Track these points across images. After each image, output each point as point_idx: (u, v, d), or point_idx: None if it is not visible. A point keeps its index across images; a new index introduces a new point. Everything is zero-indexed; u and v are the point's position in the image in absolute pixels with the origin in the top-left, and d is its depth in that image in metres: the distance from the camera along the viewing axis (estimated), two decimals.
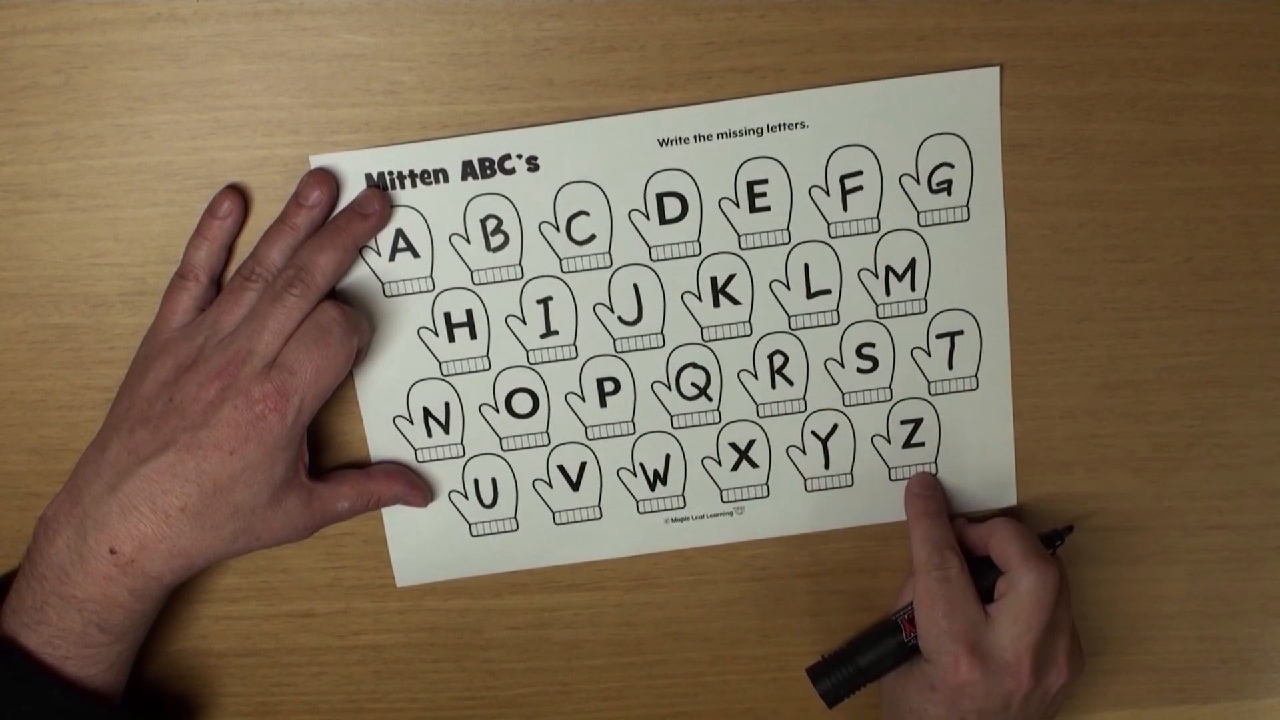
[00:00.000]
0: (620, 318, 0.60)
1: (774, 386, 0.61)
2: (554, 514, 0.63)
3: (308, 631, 0.64)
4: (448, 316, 0.59)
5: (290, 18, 0.55)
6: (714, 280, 0.59)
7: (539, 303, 0.59)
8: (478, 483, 0.62)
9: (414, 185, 0.57)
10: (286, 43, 0.55)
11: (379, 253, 0.58)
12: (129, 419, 0.54)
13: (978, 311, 0.61)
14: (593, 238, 0.58)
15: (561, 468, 0.62)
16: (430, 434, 0.61)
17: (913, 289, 0.60)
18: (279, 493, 0.55)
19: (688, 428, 0.62)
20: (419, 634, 0.65)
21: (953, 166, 0.58)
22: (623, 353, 0.60)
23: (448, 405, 0.61)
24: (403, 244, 0.58)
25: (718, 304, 0.60)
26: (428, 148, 0.57)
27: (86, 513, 0.53)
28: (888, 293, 0.60)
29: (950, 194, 0.58)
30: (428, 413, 0.61)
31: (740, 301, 0.60)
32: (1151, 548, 0.65)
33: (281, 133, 0.56)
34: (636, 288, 0.59)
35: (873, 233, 0.59)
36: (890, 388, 0.62)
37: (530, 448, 0.62)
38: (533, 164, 0.57)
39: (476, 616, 0.65)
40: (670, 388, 0.61)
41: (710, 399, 0.61)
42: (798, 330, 0.60)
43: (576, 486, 0.62)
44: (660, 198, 0.58)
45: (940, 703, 0.58)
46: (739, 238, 0.59)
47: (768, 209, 0.58)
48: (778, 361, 0.61)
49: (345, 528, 0.62)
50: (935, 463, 0.63)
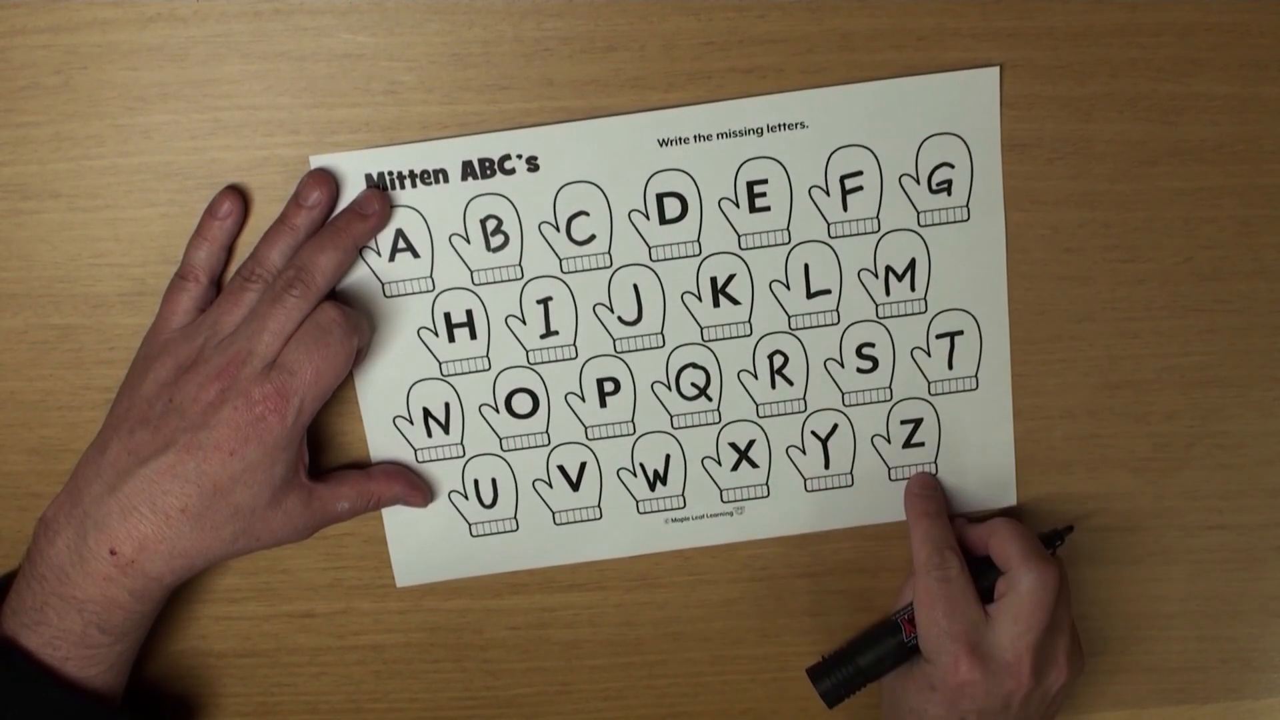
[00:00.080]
0: (620, 318, 0.60)
1: (774, 386, 0.61)
2: (554, 514, 0.63)
3: (308, 631, 0.64)
4: (448, 316, 0.59)
5: (290, 18, 0.55)
6: (714, 280, 0.59)
7: (539, 303, 0.59)
8: (478, 483, 0.62)
9: (414, 185, 0.57)
10: (286, 43, 0.55)
11: (379, 253, 0.58)
12: (129, 420, 0.54)
13: (978, 311, 0.60)
14: (593, 238, 0.58)
15: (561, 468, 0.62)
16: (430, 434, 0.61)
17: (913, 289, 0.60)
18: (279, 493, 0.55)
19: (688, 428, 0.62)
20: (419, 634, 0.65)
21: (953, 166, 0.58)
22: (623, 353, 0.60)
23: (448, 405, 0.61)
24: (403, 244, 0.58)
25: (718, 304, 0.60)
26: (428, 148, 0.57)
27: (86, 513, 0.53)
28: (888, 293, 0.60)
29: (950, 194, 0.58)
30: (428, 413, 0.61)
31: (740, 301, 0.60)
32: (1151, 548, 0.65)
33: (281, 133, 0.56)
34: (636, 288, 0.59)
35: (873, 233, 0.59)
36: (890, 388, 0.62)
37: (530, 448, 0.62)
38: (533, 164, 0.57)
39: (476, 616, 0.65)
40: (670, 388, 0.61)
41: (710, 399, 0.61)
42: (798, 330, 0.60)
43: (576, 486, 0.62)
44: (660, 198, 0.58)
45: (940, 703, 0.58)
46: (739, 238, 0.59)
47: (768, 209, 0.58)
48: (778, 361, 0.61)
49: (345, 528, 0.62)
50: (935, 463, 0.63)
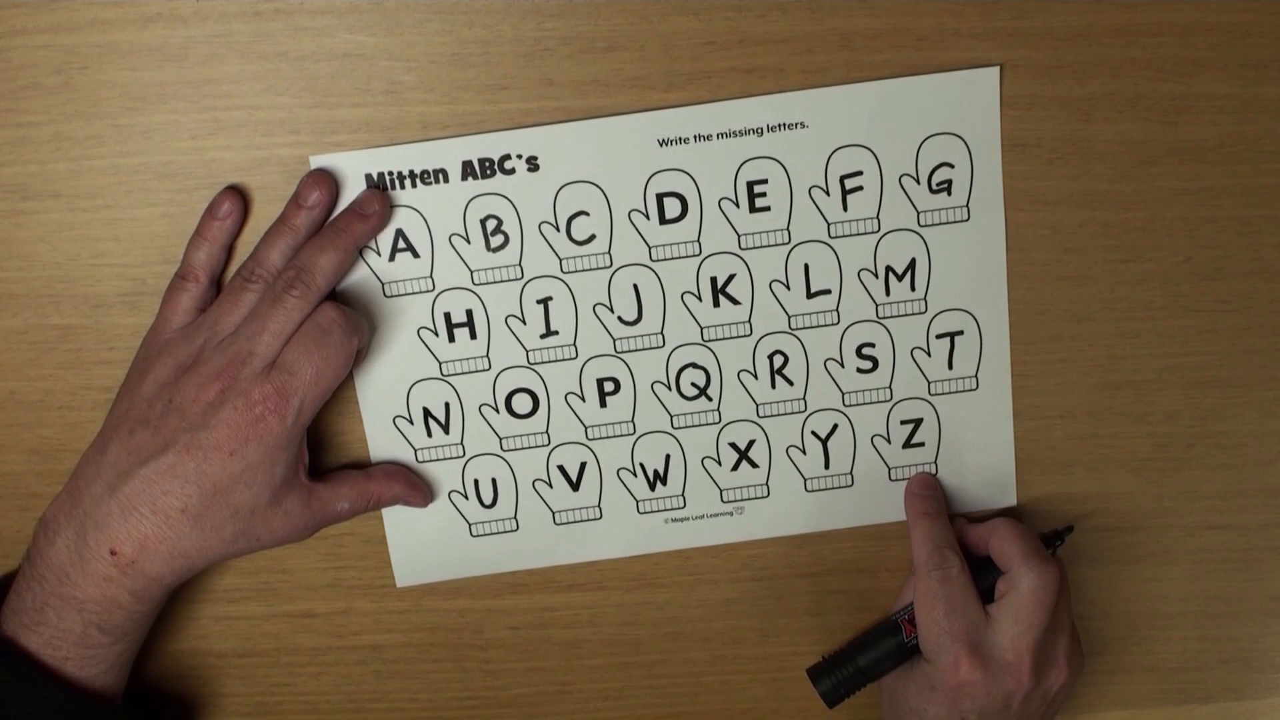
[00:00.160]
0: (620, 318, 0.60)
1: (774, 386, 0.61)
2: (554, 514, 0.63)
3: (308, 631, 0.64)
4: (448, 316, 0.59)
5: (290, 18, 0.55)
6: (714, 280, 0.59)
7: (539, 303, 0.59)
8: (478, 483, 0.62)
9: (414, 185, 0.57)
10: (286, 43, 0.55)
11: (379, 253, 0.58)
12: (129, 420, 0.54)
13: (978, 311, 0.60)
14: (593, 238, 0.58)
15: (561, 468, 0.62)
16: (430, 434, 0.61)
17: (913, 289, 0.60)
18: (279, 494, 0.55)
19: (688, 428, 0.62)
20: (419, 634, 0.65)
21: (953, 166, 0.58)
22: (623, 353, 0.60)
23: (448, 405, 0.61)
24: (403, 244, 0.58)
25: (718, 304, 0.60)
26: (428, 148, 0.57)
27: (86, 514, 0.53)
28: (888, 293, 0.60)
29: (950, 194, 0.58)
30: (428, 413, 0.61)
31: (740, 301, 0.60)
32: (1151, 548, 0.65)
33: (281, 133, 0.56)
34: (636, 288, 0.59)
35: (873, 233, 0.59)
36: (890, 388, 0.62)
37: (530, 448, 0.62)
38: (533, 164, 0.57)
39: (476, 616, 0.65)
40: (670, 388, 0.61)
41: (710, 399, 0.61)
42: (798, 330, 0.60)
43: (576, 486, 0.62)
44: (660, 198, 0.58)
45: (940, 703, 0.58)
46: (739, 238, 0.59)
47: (768, 209, 0.58)
48: (778, 361, 0.61)
49: (345, 528, 0.62)
50: (935, 463, 0.63)
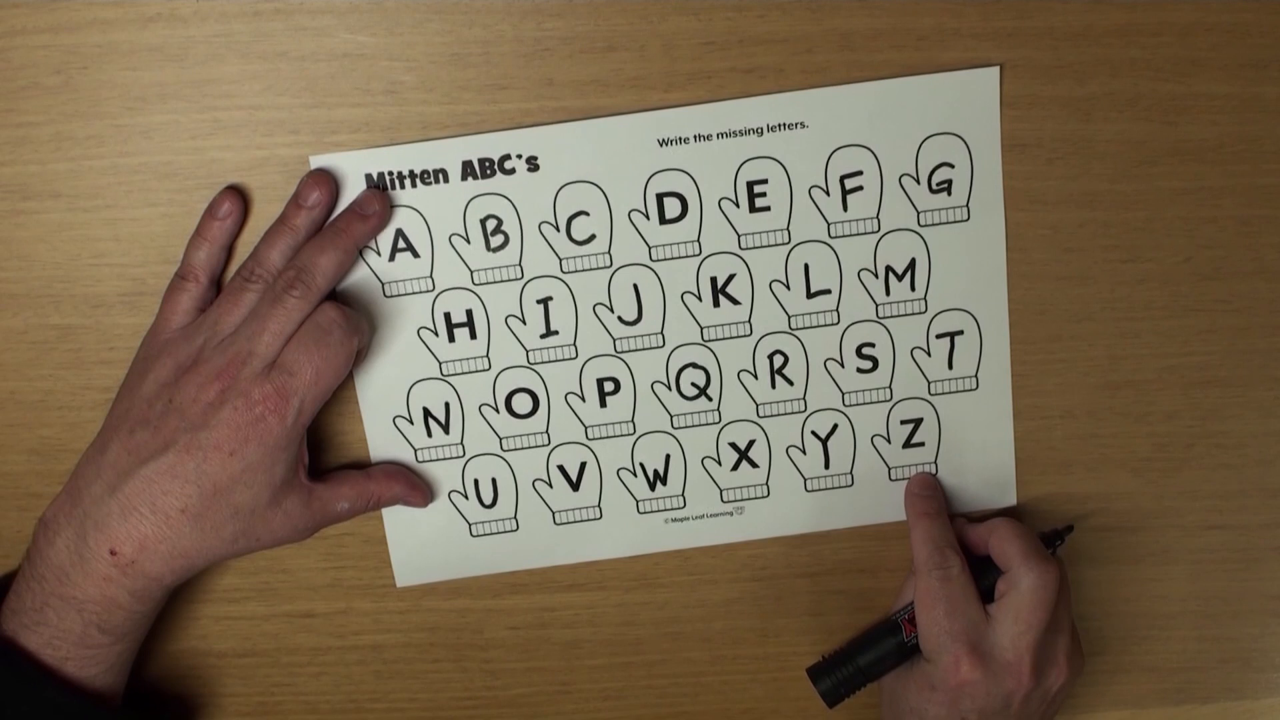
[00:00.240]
0: (620, 318, 0.60)
1: (774, 386, 0.61)
2: (554, 514, 0.63)
3: (308, 631, 0.64)
4: (448, 316, 0.59)
5: (290, 18, 0.55)
6: (714, 280, 0.59)
7: (539, 303, 0.59)
8: (478, 483, 0.62)
9: (414, 185, 0.57)
10: (286, 43, 0.55)
11: (379, 253, 0.58)
12: (129, 420, 0.54)
13: (978, 311, 0.60)
14: (593, 238, 0.58)
15: (561, 468, 0.62)
16: (430, 434, 0.61)
17: (913, 289, 0.60)
18: (279, 494, 0.55)
19: (688, 428, 0.62)
20: (419, 634, 0.65)
21: (953, 166, 0.58)
22: (623, 353, 0.60)
23: (448, 405, 0.60)
24: (403, 244, 0.58)
25: (718, 304, 0.60)
26: (428, 148, 0.57)
27: (86, 514, 0.53)
28: (888, 293, 0.60)
29: (950, 194, 0.58)
30: (428, 413, 0.61)
31: (740, 301, 0.60)
32: (1151, 548, 0.65)
33: (281, 133, 0.56)
34: (636, 288, 0.59)
35: (873, 233, 0.59)
36: (890, 388, 0.62)
37: (530, 448, 0.62)
38: (533, 164, 0.57)
39: (476, 616, 0.65)
40: (670, 388, 0.61)
41: (710, 399, 0.61)
42: (798, 330, 0.60)
43: (576, 486, 0.62)
44: (660, 198, 0.58)
45: (941, 702, 0.58)
46: (739, 238, 0.59)
47: (768, 209, 0.58)
48: (778, 361, 0.61)
49: (345, 528, 0.62)
50: (935, 463, 0.63)
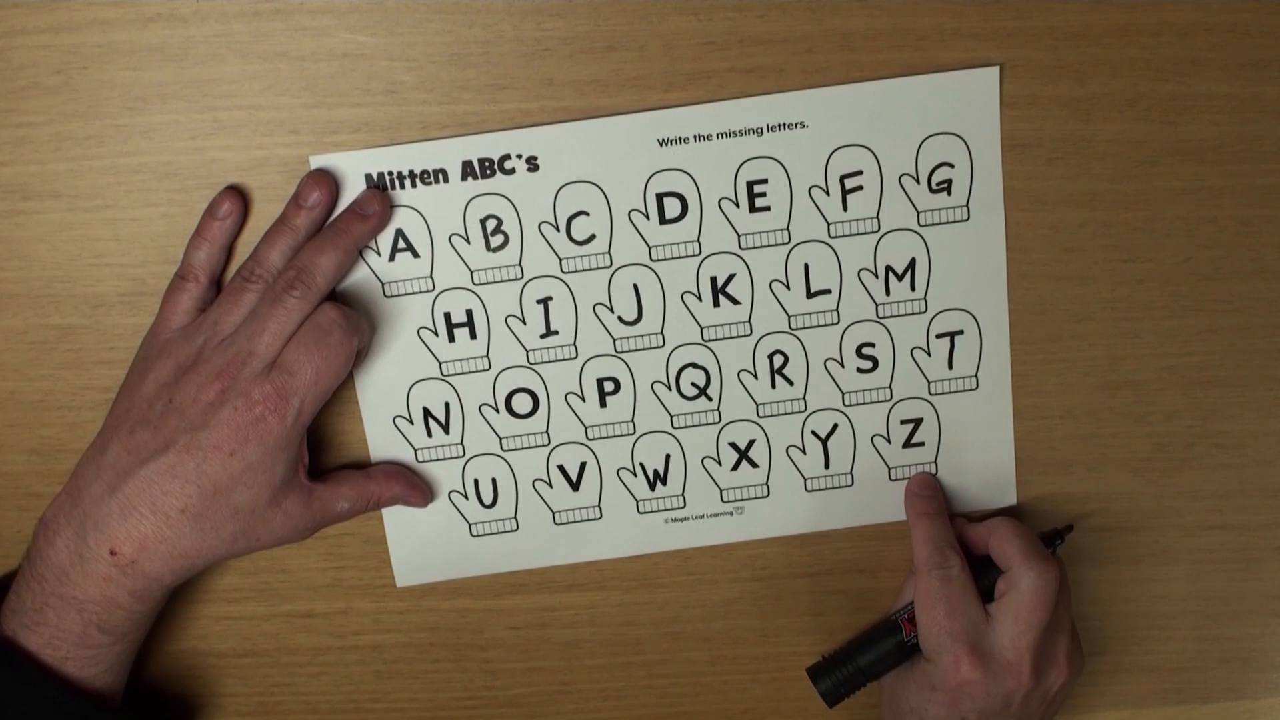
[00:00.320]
0: (620, 318, 0.60)
1: (774, 386, 0.61)
2: (554, 514, 0.63)
3: (308, 631, 0.64)
4: (448, 316, 0.59)
5: (290, 18, 0.55)
6: (714, 280, 0.59)
7: (539, 303, 0.59)
8: (478, 483, 0.62)
9: (414, 185, 0.57)
10: (286, 43, 0.55)
11: (379, 253, 0.58)
12: (129, 420, 0.54)
13: (978, 311, 0.60)
14: (593, 238, 0.58)
15: (561, 468, 0.62)
16: (430, 434, 0.61)
17: (913, 289, 0.60)
18: (279, 494, 0.55)
19: (688, 428, 0.62)
20: (419, 634, 0.65)
21: (953, 166, 0.58)
22: (623, 353, 0.60)
23: (448, 405, 0.60)
24: (403, 244, 0.58)
25: (718, 304, 0.60)
26: (428, 148, 0.57)
27: (86, 514, 0.53)
28: (888, 293, 0.60)
29: (950, 194, 0.58)
30: (428, 413, 0.61)
31: (740, 301, 0.60)
32: (1151, 548, 0.65)
33: (281, 133, 0.56)
34: (636, 288, 0.59)
35: (873, 233, 0.59)
36: (890, 388, 0.62)
37: (530, 448, 0.62)
38: (533, 164, 0.57)
39: (476, 616, 0.65)
40: (670, 388, 0.61)
41: (710, 399, 0.61)
42: (798, 330, 0.60)
43: (576, 486, 0.62)
44: (660, 198, 0.58)
45: (941, 702, 0.58)
46: (739, 238, 0.59)
47: (768, 209, 0.58)
48: (778, 361, 0.61)
49: (345, 528, 0.62)
50: (935, 462, 0.63)
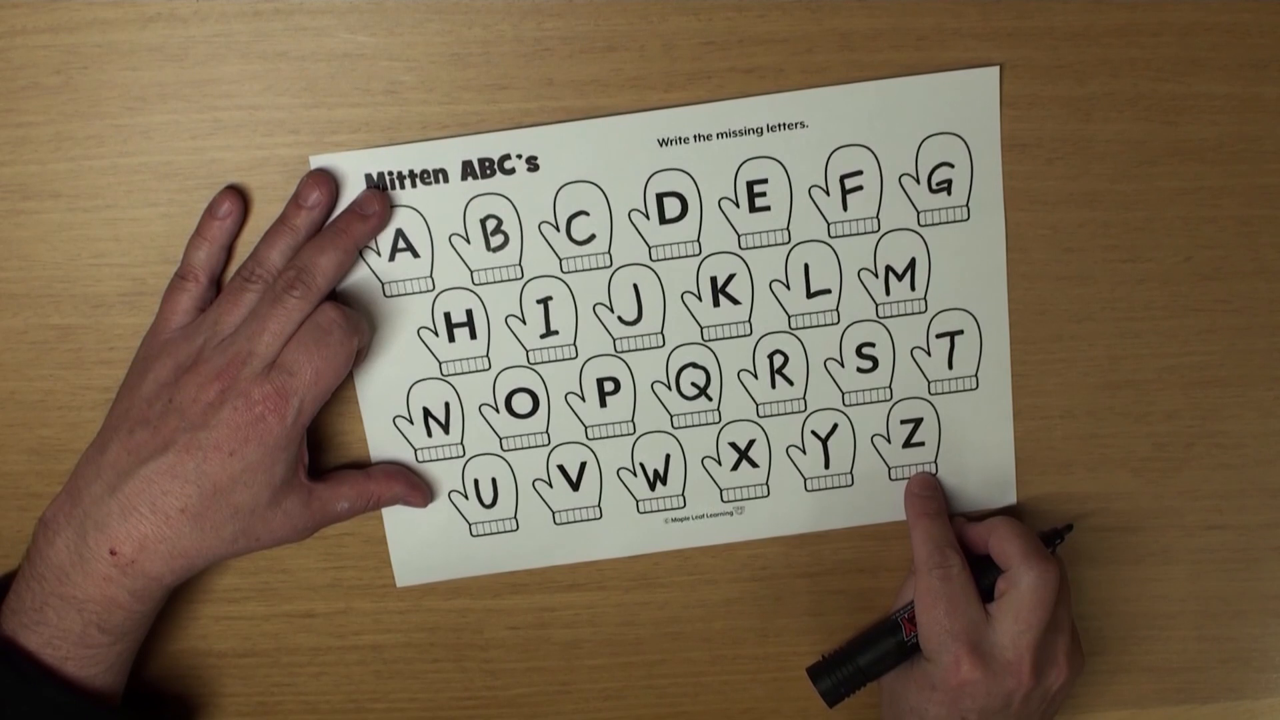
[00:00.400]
0: (620, 318, 0.60)
1: (774, 386, 0.61)
2: (554, 514, 0.63)
3: (308, 631, 0.64)
4: (448, 316, 0.59)
5: (290, 18, 0.55)
6: (714, 280, 0.59)
7: (539, 303, 0.59)
8: (478, 483, 0.62)
9: (414, 185, 0.57)
10: (286, 43, 0.55)
11: (379, 253, 0.58)
12: (129, 420, 0.54)
13: (978, 311, 0.60)
14: (593, 238, 0.58)
15: (561, 468, 0.62)
16: (430, 434, 0.61)
17: (913, 289, 0.60)
18: (279, 494, 0.55)
19: (688, 427, 0.62)
20: (419, 634, 0.65)
21: (953, 166, 0.58)
22: (623, 353, 0.60)
23: (448, 405, 0.61)
24: (403, 244, 0.58)
25: (718, 304, 0.60)
26: (428, 148, 0.57)
27: (86, 514, 0.53)
28: (888, 292, 0.60)
29: (950, 194, 0.58)
30: (428, 413, 0.61)
31: (740, 301, 0.60)
32: (1151, 548, 0.65)
33: (281, 133, 0.56)
34: (636, 288, 0.59)
35: (873, 232, 0.59)
36: (890, 387, 0.62)
37: (530, 448, 0.62)
38: (533, 164, 0.57)
39: (476, 616, 0.65)
40: (670, 388, 0.61)
41: (710, 399, 0.61)
42: (798, 330, 0.60)
43: (576, 486, 0.62)
44: (660, 198, 0.58)
45: (941, 702, 0.58)
46: (739, 237, 0.59)
47: (768, 209, 0.58)
48: (778, 361, 0.61)
49: (345, 528, 0.62)
50: (935, 462, 0.63)
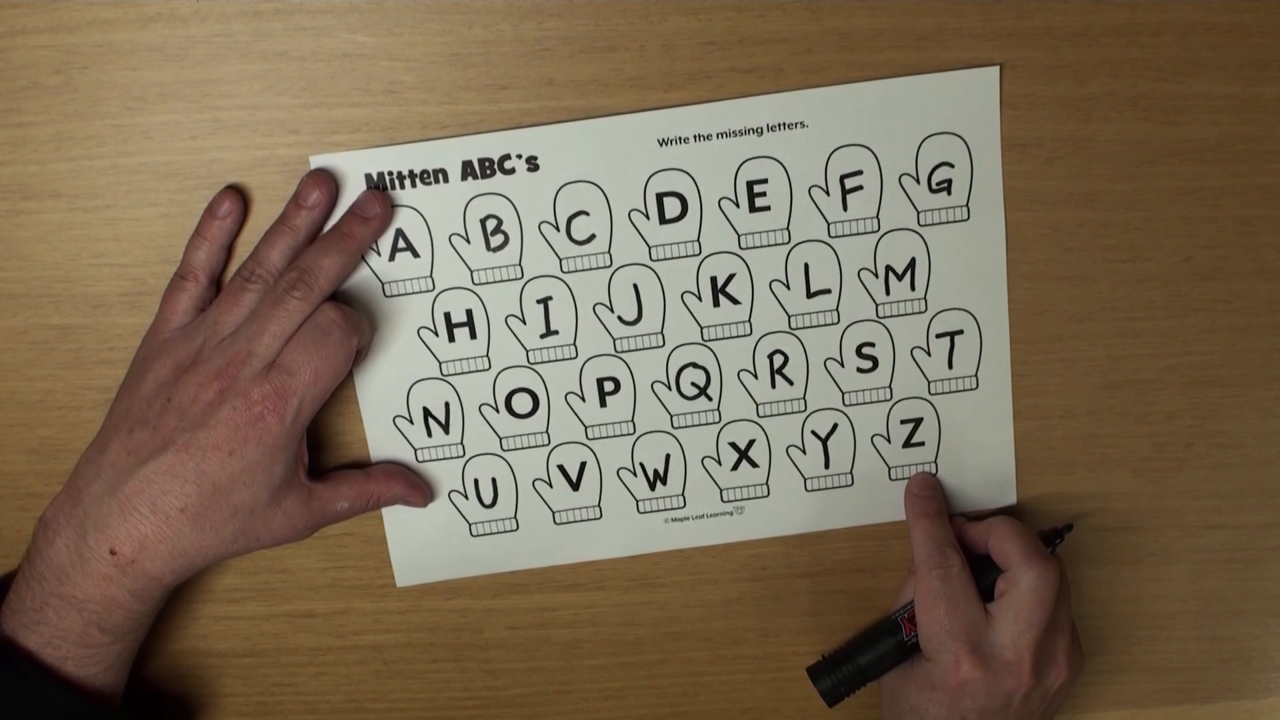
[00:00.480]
0: (620, 318, 0.60)
1: (774, 386, 0.61)
2: (554, 514, 0.63)
3: (308, 631, 0.64)
4: (448, 316, 0.59)
5: (290, 18, 0.55)
6: (714, 280, 0.59)
7: (539, 303, 0.59)
8: (478, 483, 0.62)
9: (414, 185, 0.57)
10: (286, 43, 0.55)
11: (379, 253, 0.58)
12: (128, 419, 0.54)
13: (978, 311, 0.60)
14: (593, 238, 0.58)
15: (561, 468, 0.62)
16: (430, 434, 0.61)
17: (912, 289, 0.60)
18: (278, 493, 0.55)
19: (688, 427, 0.62)
20: (419, 634, 0.65)
21: (953, 166, 0.58)
22: (623, 353, 0.60)
23: (448, 405, 0.61)
24: (403, 244, 0.58)
25: (718, 304, 0.60)
26: (428, 148, 0.57)
27: (86, 513, 0.53)
28: (888, 292, 0.60)
29: (950, 194, 0.58)
30: (428, 413, 0.61)
31: (740, 301, 0.60)
32: (1151, 548, 0.65)
33: (281, 133, 0.56)
34: (636, 288, 0.59)
35: (872, 232, 0.59)
36: (890, 387, 0.62)
37: (530, 448, 0.62)
38: (533, 164, 0.57)
39: (476, 616, 0.65)
40: (670, 387, 0.61)
41: (710, 399, 0.61)
42: (798, 330, 0.60)
43: (576, 486, 0.62)
44: (660, 197, 0.58)
45: (941, 702, 0.58)
46: (739, 237, 0.59)
47: (767, 209, 0.58)
48: (778, 361, 0.61)
49: (345, 528, 0.62)
50: (935, 462, 0.63)
